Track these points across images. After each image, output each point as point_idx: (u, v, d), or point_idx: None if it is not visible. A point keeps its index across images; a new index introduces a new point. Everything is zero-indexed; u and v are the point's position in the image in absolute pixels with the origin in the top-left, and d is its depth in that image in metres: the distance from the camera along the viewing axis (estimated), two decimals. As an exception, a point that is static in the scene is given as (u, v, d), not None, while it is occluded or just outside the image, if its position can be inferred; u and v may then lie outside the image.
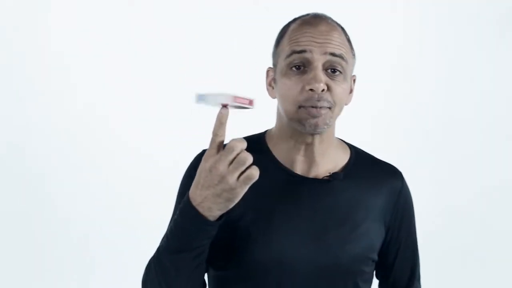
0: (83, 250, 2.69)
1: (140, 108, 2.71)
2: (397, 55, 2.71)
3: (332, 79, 1.02)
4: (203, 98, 0.89)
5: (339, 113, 1.07)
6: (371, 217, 1.11)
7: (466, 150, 2.70)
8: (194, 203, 0.91)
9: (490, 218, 2.70)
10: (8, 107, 2.67)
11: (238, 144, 0.87)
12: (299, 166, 1.11)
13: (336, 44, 1.02)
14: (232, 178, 0.87)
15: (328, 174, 1.10)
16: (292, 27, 1.06)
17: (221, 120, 0.89)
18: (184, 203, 0.94)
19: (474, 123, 2.73)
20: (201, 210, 0.91)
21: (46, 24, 2.67)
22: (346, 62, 1.04)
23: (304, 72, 1.02)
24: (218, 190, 0.88)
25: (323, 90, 1.01)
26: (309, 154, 1.10)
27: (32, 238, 2.68)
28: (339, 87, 1.03)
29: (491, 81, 2.73)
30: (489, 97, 2.73)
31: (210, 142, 0.90)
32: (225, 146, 0.93)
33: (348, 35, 1.09)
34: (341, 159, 1.14)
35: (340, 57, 1.02)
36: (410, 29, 2.74)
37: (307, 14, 1.09)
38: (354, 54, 1.09)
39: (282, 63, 1.05)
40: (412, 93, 2.72)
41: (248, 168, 0.87)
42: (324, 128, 1.04)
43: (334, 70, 1.02)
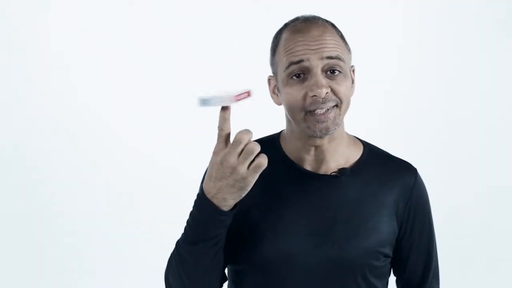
0: (83, 250, 2.69)
1: (140, 108, 2.71)
2: (397, 55, 2.71)
3: (333, 80, 1.04)
4: (206, 102, 0.93)
5: (347, 108, 1.09)
6: (383, 212, 1.12)
7: (466, 150, 2.70)
8: (209, 195, 0.96)
9: (491, 218, 2.70)
10: (8, 107, 2.67)
11: (245, 136, 0.92)
12: (309, 164, 1.13)
13: (330, 46, 1.04)
14: (243, 168, 0.92)
15: (336, 170, 1.12)
16: (284, 37, 1.08)
17: (224, 116, 0.94)
18: (198, 196, 0.99)
19: (474, 123, 2.72)
20: (215, 201, 0.96)
21: (46, 24, 2.67)
22: (344, 61, 1.05)
23: (305, 79, 1.04)
24: (230, 181, 0.93)
25: (327, 93, 1.03)
26: (318, 153, 1.12)
27: (32, 238, 2.69)
28: (342, 86, 1.05)
29: (492, 81, 2.73)
30: (490, 97, 2.73)
31: (218, 137, 0.95)
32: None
33: (340, 31, 1.11)
34: (353, 156, 1.16)
35: (337, 58, 1.04)
36: (410, 28, 2.73)
37: (297, 19, 1.10)
38: (349, 48, 1.11)
39: (282, 74, 1.07)
40: (412, 93, 2.72)
41: (256, 157, 0.93)
42: (335, 128, 1.06)
43: (333, 71, 1.04)
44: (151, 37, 2.68)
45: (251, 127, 0.95)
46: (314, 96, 1.02)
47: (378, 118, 2.66)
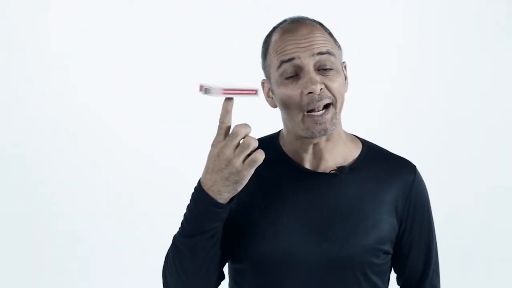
0: (83, 250, 2.70)
1: (140, 108, 2.72)
2: (397, 55, 2.72)
3: (326, 76, 1.05)
4: (208, 91, 0.94)
5: (342, 105, 1.09)
6: (382, 209, 1.13)
7: (466, 150, 2.71)
8: (205, 187, 0.98)
9: (491, 218, 2.70)
10: (8, 107, 2.68)
11: (242, 129, 0.93)
12: (308, 162, 1.14)
13: (320, 42, 1.05)
14: (238, 161, 0.94)
15: (335, 168, 1.13)
16: (274, 38, 1.09)
17: (226, 108, 0.95)
18: (195, 189, 1.01)
19: (474, 123, 2.73)
20: (211, 193, 0.97)
21: (46, 24, 2.68)
22: (335, 56, 1.07)
23: (298, 78, 1.05)
24: (225, 174, 0.95)
25: (321, 89, 1.04)
26: (317, 152, 1.13)
27: (32, 238, 2.69)
28: (335, 82, 1.06)
29: (492, 81, 2.73)
30: (490, 97, 2.73)
31: (218, 129, 0.96)
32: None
33: (328, 29, 1.12)
34: (351, 154, 1.17)
35: (327, 53, 1.05)
36: (410, 28, 2.74)
37: (285, 21, 1.12)
38: (339, 45, 1.12)
39: (275, 74, 1.08)
40: (412, 93, 2.73)
41: (253, 152, 0.94)
42: (333, 128, 1.07)
43: (325, 68, 1.05)
44: (151, 37, 2.68)
45: (252, 127, 0.95)
46: (310, 93, 1.03)
47: (378, 118, 2.67)
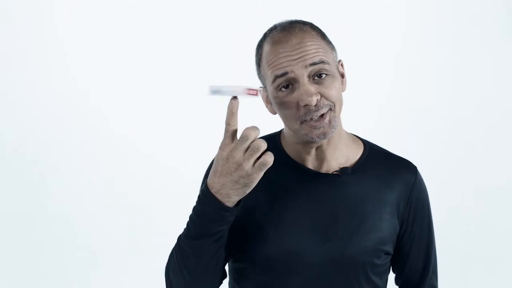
0: (86, 250, 2.70)
1: (144, 108, 2.71)
2: (397, 56, 2.71)
3: (321, 84, 1.04)
4: (217, 90, 0.95)
5: (341, 108, 1.09)
6: (383, 210, 1.13)
7: (467, 150, 2.70)
8: (213, 191, 0.96)
9: (491, 218, 2.70)
10: (11, 107, 2.68)
11: (252, 132, 0.93)
12: (311, 163, 1.14)
13: (312, 52, 1.03)
14: (248, 165, 0.93)
15: (337, 169, 1.13)
16: (265, 50, 1.07)
17: (232, 110, 0.95)
18: (202, 191, 0.99)
19: (475, 123, 2.72)
20: (219, 197, 0.96)
21: (49, 23, 2.67)
22: (328, 63, 1.05)
23: (293, 89, 1.04)
24: (235, 177, 0.94)
25: (318, 100, 1.03)
26: (319, 154, 1.13)
27: (32, 237, 2.69)
28: (332, 89, 1.05)
29: (492, 80, 2.72)
30: (490, 96, 2.72)
31: (224, 132, 0.95)
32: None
33: (319, 30, 1.10)
34: (353, 154, 1.17)
35: (321, 63, 1.03)
36: (411, 28, 2.74)
37: (275, 27, 1.09)
38: (332, 46, 1.11)
39: (270, 87, 1.07)
40: (412, 94, 2.73)
41: (262, 154, 0.93)
42: (332, 131, 1.06)
43: (320, 75, 1.04)
44: (154, 37, 2.68)
45: (247, 123, 0.95)
46: (306, 105, 1.02)
47: (379, 118, 2.66)
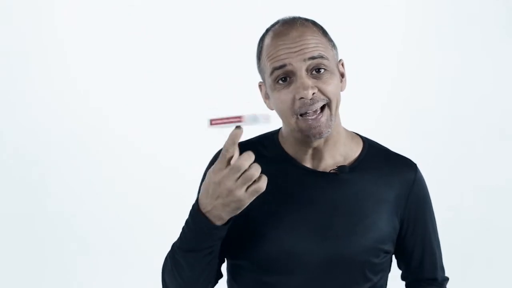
0: (86, 250, 2.70)
1: (144, 108, 2.71)
2: (397, 56, 2.71)
3: (319, 79, 1.04)
4: (216, 123, 0.92)
5: (338, 106, 1.09)
6: (382, 209, 1.12)
7: (467, 150, 2.70)
8: (204, 210, 0.97)
9: (491, 217, 2.70)
10: (10, 107, 2.67)
11: (245, 162, 0.91)
12: (309, 161, 1.14)
13: (312, 46, 1.03)
14: (239, 192, 0.92)
15: (335, 168, 1.12)
16: (266, 42, 1.08)
17: (234, 139, 0.92)
18: (194, 209, 0.99)
19: (475, 123, 2.72)
20: (210, 217, 0.97)
21: (49, 24, 2.67)
22: (327, 59, 1.05)
23: (291, 82, 1.04)
24: (226, 201, 0.94)
25: (314, 93, 1.03)
26: (316, 152, 1.13)
27: (34, 237, 2.69)
28: (329, 85, 1.05)
29: (493, 80, 2.72)
30: (490, 96, 2.72)
31: (220, 156, 0.93)
32: (245, 142, 1.13)
33: (321, 28, 1.10)
34: (352, 152, 1.16)
35: (319, 57, 1.04)
36: (411, 28, 2.74)
37: (277, 22, 1.10)
38: (333, 44, 1.11)
39: (269, 80, 1.07)
40: (413, 94, 2.72)
41: (256, 180, 0.93)
42: (328, 131, 1.07)
43: (318, 70, 1.04)
44: (154, 37, 2.68)
45: (246, 125, 0.94)
46: (302, 98, 1.02)
47: (379, 118, 2.66)
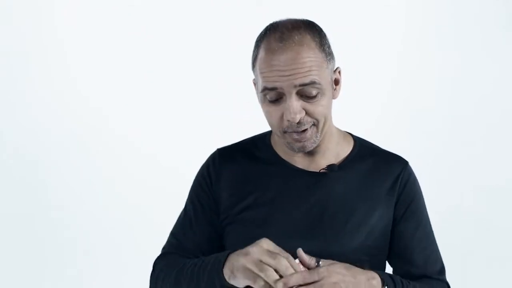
0: (86, 250, 2.70)
1: (144, 108, 2.72)
2: (397, 56, 2.72)
3: (309, 102, 1.03)
4: None
5: (326, 123, 1.08)
6: (373, 206, 1.12)
7: (467, 150, 2.71)
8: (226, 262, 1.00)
9: (491, 216, 2.70)
10: (10, 107, 2.68)
11: (281, 267, 0.93)
12: (300, 162, 1.15)
13: (305, 71, 1.00)
14: (248, 273, 0.94)
15: (325, 167, 1.13)
16: (260, 55, 1.05)
17: (291, 267, 0.94)
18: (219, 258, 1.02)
19: (475, 123, 2.72)
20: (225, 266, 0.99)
21: (49, 24, 2.67)
22: (319, 83, 1.03)
23: (280, 100, 1.04)
24: (235, 265, 0.96)
25: (301, 117, 1.03)
26: (308, 154, 1.14)
27: (34, 237, 2.69)
28: (318, 107, 1.04)
29: (493, 80, 2.72)
30: (490, 96, 2.73)
31: (274, 255, 0.94)
32: (238, 144, 1.18)
33: (319, 38, 1.05)
34: (343, 151, 1.17)
35: (311, 83, 1.02)
36: (411, 28, 2.74)
37: (275, 30, 1.04)
38: (330, 56, 1.08)
39: (260, 94, 1.06)
40: (413, 93, 2.73)
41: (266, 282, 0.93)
42: (313, 145, 1.07)
43: (309, 96, 1.03)
44: (154, 37, 2.68)
45: (245, 125, 0.95)
46: (289, 120, 1.03)
47: (379, 118, 2.67)
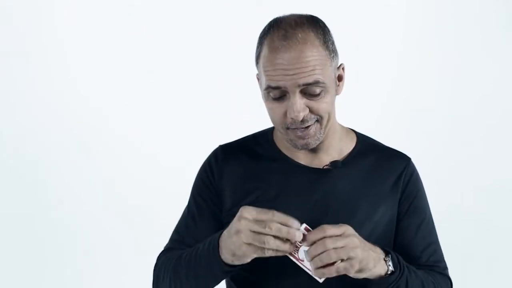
0: (86, 250, 2.70)
1: (144, 108, 2.72)
2: (397, 56, 2.72)
3: (312, 100, 1.04)
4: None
5: (330, 119, 1.08)
6: (377, 202, 1.13)
7: (467, 149, 2.71)
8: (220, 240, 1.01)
9: (491, 215, 2.70)
10: (10, 107, 2.68)
11: (278, 228, 0.92)
12: (303, 158, 1.15)
13: (308, 70, 1.00)
14: (242, 239, 0.93)
15: (328, 163, 1.13)
16: (264, 52, 1.05)
17: (289, 226, 0.93)
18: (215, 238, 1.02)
19: (475, 123, 2.73)
20: (220, 248, 0.99)
21: (49, 24, 2.67)
22: (323, 82, 1.03)
23: (284, 98, 1.04)
24: (229, 241, 0.96)
25: (305, 115, 1.03)
26: (311, 150, 1.14)
27: (34, 237, 2.69)
28: (322, 104, 1.04)
29: (493, 78, 2.72)
30: (490, 95, 2.73)
31: (265, 210, 0.94)
32: (240, 141, 1.19)
33: (323, 34, 1.05)
34: (346, 148, 1.17)
35: (314, 83, 1.02)
36: (411, 28, 2.74)
37: (278, 27, 1.04)
38: (334, 53, 1.07)
39: (264, 92, 1.07)
40: (413, 93, 2.73)
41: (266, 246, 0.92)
42: (316, 143, 1.08)
43: (313, 94, 1.03)
44: (154, 37, 2.68)
45: (246, 125, 0.95)
46: (292, 118, 1.03)
47: (379, 117, 2.67)
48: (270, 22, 1.08)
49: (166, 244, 1.23)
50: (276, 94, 1.04)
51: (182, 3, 2.68)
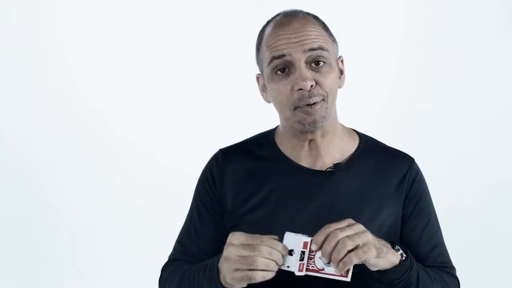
0: (86, 249, 2.70)
1: (144, 108, 2.72)
2: (397, 56, 2.71)
3: (318, 72, 1.04)
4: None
5: (334, 101, 1.09)
6: (381, 203, 1.12)
7: (467, 149, 2.70)
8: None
9: (492, 214, 2.70)
10: (10, 107, 2.68)
11: (262, 249, 0.90)
12: (305, 160, 1.13)
13: (312, 37, 1.03)
14: (230, 266, 0.91)
15: (331, 165, 1.12)
16: (267, 32, 1.07)
17: (280, 253, 0.92)
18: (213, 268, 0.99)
19: (475, 123, 2.72)
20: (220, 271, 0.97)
21: (49, 24, 2.67)
22: (327, 51, 1.05)
23: (289, 73, 1.04)
24: (224, 266, 0.94)
25: (312, 86, 1.02)
26: (313, 148, 1.13)
27: (34, 237, 2.69)
28: (328, 78, 1.04)
29: (493, 78, 2.72)
30: (490, 95, 2.72)
31: (256, 237, 0.92)
32: (241, 143, 1.16)
33: (322, 22, 1.09)
34: (348, 149, 1.16)
35: (319, 49, 1.03)
36: (411, 28, 2.74)
37: (279, 14, 1.10)
38: (334, 39, 1.10)
39: (267, 70, 1.07)
40: (413, 93, 2.73)
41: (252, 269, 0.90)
42: (323, 122, 1.06)
43: (317, 62, 1.04)
44: (154, 37, 2.68)
45: (246, 125, 0.94)
46: (300, 89, 1.02)
47: (379, 117, 2.66)
48: (269, 19, 1.11)
49: (170, 254, 1.22)
50: (280, 65, 1.03)
51: (182, 3, 2.68)
